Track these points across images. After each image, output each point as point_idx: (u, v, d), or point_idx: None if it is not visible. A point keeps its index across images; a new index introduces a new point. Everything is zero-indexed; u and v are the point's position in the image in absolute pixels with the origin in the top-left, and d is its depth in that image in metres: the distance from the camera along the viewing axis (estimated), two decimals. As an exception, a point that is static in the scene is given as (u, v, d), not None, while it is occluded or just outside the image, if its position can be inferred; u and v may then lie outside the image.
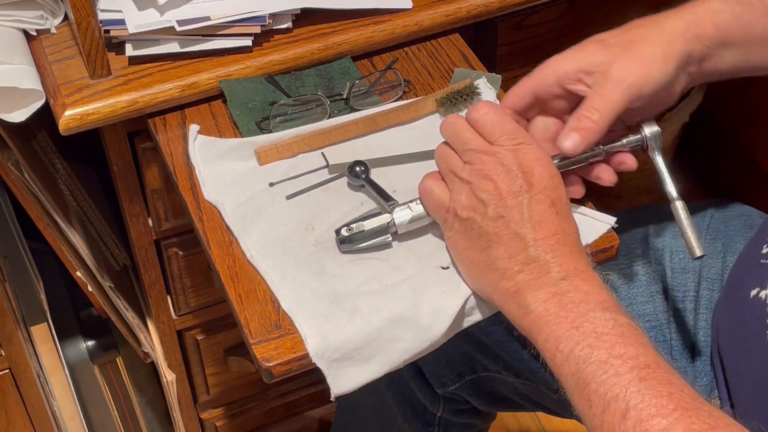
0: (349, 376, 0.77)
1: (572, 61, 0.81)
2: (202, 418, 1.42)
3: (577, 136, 0.79)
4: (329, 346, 0.76)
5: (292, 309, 0.78)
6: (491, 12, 1.06)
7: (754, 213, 1.02)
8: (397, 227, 0.82)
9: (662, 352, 0.69)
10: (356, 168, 0.88)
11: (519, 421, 1.70)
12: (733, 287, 0.92)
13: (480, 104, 0.78)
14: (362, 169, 0.88)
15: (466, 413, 1.15)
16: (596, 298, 0.71)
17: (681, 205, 0.83)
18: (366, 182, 0.87)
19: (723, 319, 0.92)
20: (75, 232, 1.16)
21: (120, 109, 0.93)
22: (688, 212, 0.83)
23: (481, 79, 0.97)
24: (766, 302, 0.83)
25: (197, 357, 1.32)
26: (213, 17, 0.95)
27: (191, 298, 1.22)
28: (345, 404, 1.27)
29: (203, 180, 0.89)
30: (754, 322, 0.84)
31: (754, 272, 0.87)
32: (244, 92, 0.96)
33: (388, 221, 0.81)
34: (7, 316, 1.21)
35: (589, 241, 0.83)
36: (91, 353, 1.49)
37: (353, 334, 0.76)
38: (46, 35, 0.99)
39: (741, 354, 0.87)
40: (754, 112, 1.72)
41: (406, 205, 0.82)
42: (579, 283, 0.71)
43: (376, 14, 1.02)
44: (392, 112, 0.94)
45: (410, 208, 0.82)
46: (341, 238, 0.81)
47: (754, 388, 0.85)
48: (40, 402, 1.35)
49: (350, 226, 0.81)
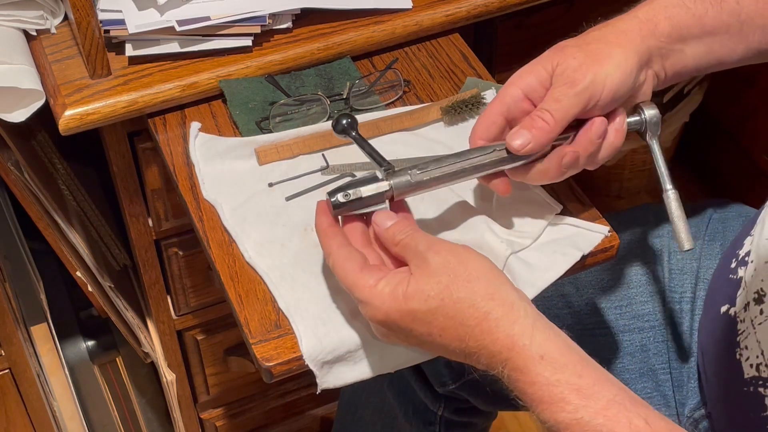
0: (338, 375, 0.77)
1: (533, 73, 0.79)
2: (202, 418, 1.42)
3: (528, 135, 0.76)
4: (323, 348, 0.76)
5: (289, 309, 0.78)
6: (491, 12, 1.06)
7: (753, 213, 1.02)
8: (395, 194, 0.76)
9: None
10: (342, 121, 0.80)
11: (519, 421, 1.70)
12: (708, 302, 0.92)
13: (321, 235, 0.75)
14: (348, 122, 0.80)
15: (466, 412, 1.15)
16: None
17: (674, 195, 0.81)
18: (355, 140, 0.80)
19: (702, 332, 0.92)
20: (75, 232, 1.16)
21: (120, 109, 0.94)
22: (681, 203, 0.82)
23: (490, 90, 0.97)
24: (736, 319, 0.83)
25: (197, 357, 1.32)
26: (213, 17, 0.95)
27: (191, 298, 1.22)
28: (346, 403, 1.27)
29: (203, 178, 0.89)
30: (725, 338, 0.84)
31: (724, 288, 0.87)
32: (244, 92, 0.96)
33: (386, 189, 0.76)
34: (7, 316, 1.21)
35: (585, 251, 0.83)
36: (91, 353, 1.49)
37: (348, 338, 0.76)
38: (46, 35, 0.99)
39: (715, 368, 0.87)
40: (754, 112, 1.72)
41: (407, 171, 0.77)
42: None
43: (376, 14, 1.02)
44: (396, 118, 0.94)
45: (410, 174, 0.77)
46: (336, 203, 0.75)
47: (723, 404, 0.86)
48: (40, 402, 1.35)
49: (347, 192, 0.75)
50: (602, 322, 0.99)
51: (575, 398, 0.66)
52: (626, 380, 0.98)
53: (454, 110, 0.94)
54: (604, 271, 1.00)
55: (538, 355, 0.67)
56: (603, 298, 1.00)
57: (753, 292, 0.80)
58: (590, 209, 0.88)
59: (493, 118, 0.80)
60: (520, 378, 0.68)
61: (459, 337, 0.69)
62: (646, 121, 0.82)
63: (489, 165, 0.79)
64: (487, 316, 0.68)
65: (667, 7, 0.80)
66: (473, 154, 0.79)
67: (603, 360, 0.98)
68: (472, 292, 0.69)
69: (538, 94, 0.78)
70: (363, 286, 0.71)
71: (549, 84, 0.78)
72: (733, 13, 0.81)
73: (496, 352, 0.68)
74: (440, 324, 0.70)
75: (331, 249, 0.73)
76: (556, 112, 0.76)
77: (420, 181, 0.77)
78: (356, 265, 0.72)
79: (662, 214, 1.04)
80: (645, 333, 0.98)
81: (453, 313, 0.69)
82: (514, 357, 0.67)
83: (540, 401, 0.67)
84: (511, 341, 0.68)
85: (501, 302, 0.69)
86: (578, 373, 0.67)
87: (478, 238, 0.82)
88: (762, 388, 0.79)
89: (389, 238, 0.73)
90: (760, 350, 0.79)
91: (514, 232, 0.83)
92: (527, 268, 0.80)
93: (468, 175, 0.79)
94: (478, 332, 0.69)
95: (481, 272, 0.70)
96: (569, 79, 0.76)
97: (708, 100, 1.72)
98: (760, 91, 1.68)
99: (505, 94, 0.79)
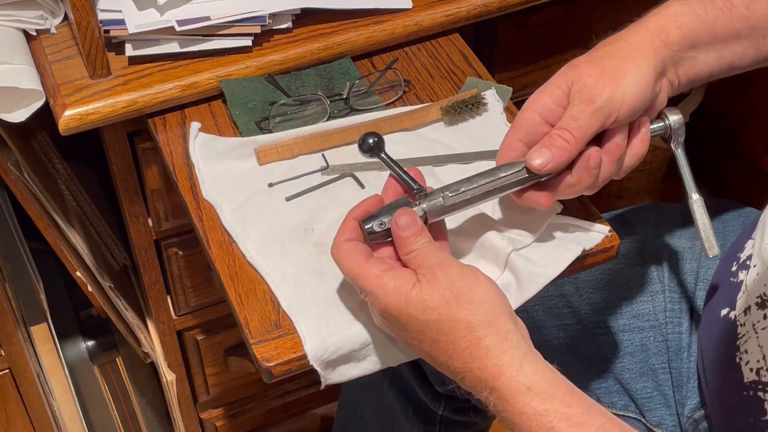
0: (342, 372, 0.78)
1: (549, 93, 0.78)
2: (202, 418, 1.42)
3: (548, 153, 0.76)
4: (328, 347, 0.76)
5: (291, 310, 0.78)
6: (491, 12, 1.06)
7: (753, 213, 1.02)
8: (428, 217, 0.76)
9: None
10: (369, 140, 0.77)
11: (519, 421, 1.70)
12: (708, 304, 0.92)
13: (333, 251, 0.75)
14: (375, 141, 0.77)
15: (467, 411, 1.15)
16: None
17: (700, 202, 0.82)
18: (384, 161, 0.78)
19: (701, 335, 0.92)
20: (75, 232, 1.16)
21: (120, 109, 0.93)
22: (706, 210, 0.82)
23: (490, 90, 0.97)
24: (736, 323, 0.83)
25: (197, 357, 1.32)
26: (213, 17, 0.95)
27: (191, 298, 1.22)
28: (347, 403, 1.28)
29: (203, 178, 0.89)
30: (725, 342, 0.84)
31: (724, 291, 0.86)
32: (244, 92, 0.96)
33: (421, 215, 0.75)
34: (7, 316, 1.21)
35: (587, 248, 0.83)
36: (91, 353, 1.49)
37: (352, 338, 0.77)
38: (46, 35, 0.99)
39: (714, 371, 0.87)
40: (754, 112, 1.72)
41: (439, 194, 0.76)
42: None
43: (376, 14, 1.02)
44: (396, 118, 0.94)
45: (442, 197, 0.76)
46: (370, 231, 0.74)
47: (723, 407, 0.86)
48: (40, 402, 1.35)
49: (382, 221, 0.74)
50: (602, 322, 0.99)
51: (564, 427, 0.66)
52: (626, 380, 0.98)
53: (454, 110, 0.94)
54: (604, 271, 1.00)
55: (525, 386, 0.67)
56: (603, 298, 1.00)
57: (756, 297, 0.80)
58: (590, 209, 0.88)
59: (512, 145, 0.79)
60: (507, 408, 0.68)
61: (447, 354, 0.70)
62: (671, 127, 0.82)
63: (518, 183, 0.79)
64: (479, 342, 0.68)
65: (677, 15, 0.80)
66: (503, 172, 0.78)
67: (603, 360, 0.98)
68: (471, 314, 0.69)
69: (556, 115, 0.78)
70: (368, 275, 0.71)
71: (566, 103, 0.77)
72: (743, 19, 0.81)
73: (483, 379, 0.68)
74: (432, 337, 0.70)
75: (339, 240, 0.74)
76: (575, 130, 0.76)
77: (453, 204, 0.77)
78: (362, 256, 0.72)
79: (662, 214, 1.04)
80: (645, 333, 0.98)
81: (447, 329, 0.69)
82: (500, 387, 0.68)
83: (529, 430, 0.67)
84: (498, 371, 0.68)
85: (496, 330, 0.69)
86: (567, 403, 0.67)
87: (479, 235, 0.82)
88: (762, 392, 0.79)
89: (405, 245, 0.73)
90: (762, 354, 0.79)
91: (516, 230, 0.84)
92: (529, 264, 0.81)
93: (498, 194, 0.79)
94: (467, 355, 0.69)
95: (484, 298, 0.70)
96: (587, 97, 0.76)
97: (708, 100, 1.73)
98: (761, 91, 1.68)
99: (522, 119, 0.79)
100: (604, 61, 0.77)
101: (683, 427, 0.96)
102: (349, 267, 0.73)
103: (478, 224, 0.83)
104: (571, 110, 0.76)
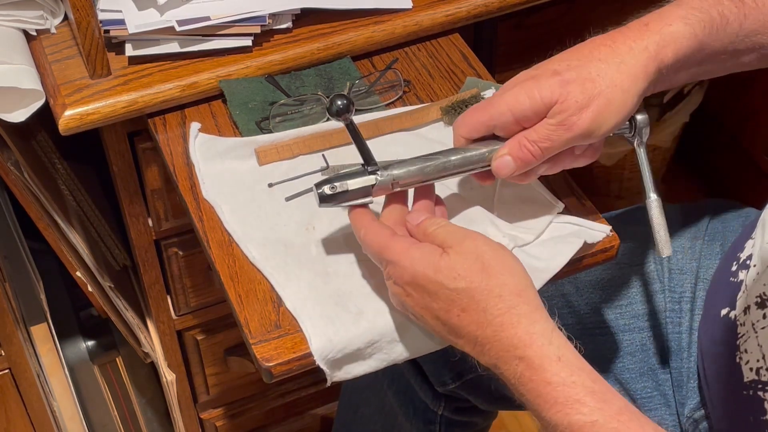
0: (347, 370, 0.78)
1: (529, 99, 0.76)
2: (202, 418, 1.42)
3: (512, 164, 0.78)
4: (334, 347, 0.76)
5: (297, 310, 0.78)
6: (491, 12, 1.06)
7: (753, 213, 1.02)
8: (376, 190, 0.77)
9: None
10: (338, 102, 0.76)
11: (519, 421, 1.70)
12: (708, 303, 0.92)
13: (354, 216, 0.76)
14: (344, 103, 0.76)
15: (467, 411, 1.15)
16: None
17: (657, 203, 0.82)
18: (348, 128, 0.78)
19: (701, 335, 0.92)
20: (75, 232, 1.17)
21: (120, 109, 0.94)
22: (662, 210, 0.82)
23: (490, 90, 0.97)
24: (736, 323, 0.83)
25: (197, 357, 1.32)
26: (213, 17, 0.95)
27: (191, 298, 1.22)
28: (347, 403, 1.28)
29: (203, 179, 0.89)
30: (725, 342, 0.84)
31: (724, 290, 0.87)
32: (244, 92, 0.96)
33: (373, 183, 0.76)
34: (7, 316, 1.21)
35: (588, 241, 0.83)
36: (91, 353, 1.49)
37: (357, 336, 0.77)
38: (46, 35, 0.99)
39: (714, 371, 0.87)
40: (754, 112, 1.72)
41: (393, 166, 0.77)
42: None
43: (376, 14, 1.02)
44: (395, 118, 0.94)
45: (395, 168, 0.77)
46: (322, 195, 0.75)
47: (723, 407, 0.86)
48: (40, 402, 1.35)
49: (333, 185, 0.75)
50: (602, 322, 0.99)
51: (591, 401, 0.66)
52: (626, 380, 0.98)
53: (454, 110, 0.94)
54: (604, 271, 1.00)
55: (556, 356, 0.68)
56: (603, 298, 1.00)
57: (755, 296, 0.80)
58: (590, 209, 0.88)
59: (477, 126, 0.80)
60: (534, 377, 0.68)
61: (477, 322, 0.70)
62: (636, 126, 0.82)
63: (469, 169, 0.80)
64: (511, 310, 0.69)
65: (677, 39, 0.77)
66: (454, 155, 0.79)
67: (603, 360, 0.98)
68: (502, 283, 0.70)
69: (530, 121, 0.77)
70: (394, 247, 0.72)
71: (544, 114, 0.76)
72: (732, 35, 0.80)
73: (512, 347, 0.69)
74: (462, 304, 0.70)
75: (363, 222, 0.75)
76: (546, 150, 0.77)
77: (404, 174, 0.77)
78: (388, 233, 0.74)
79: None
80: (645, 333, 0.98)
81: (479, 297, 0.70)
82: (531, 354, 0.68)
83: (554, 402, 0.67)
84: (531, 339, 0.68)
85: (527, 301, 0.70)
86: (593, 379, 0.68)
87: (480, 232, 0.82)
88: (762, 391, 0.79)
89: (423, 226, 0.75)
90: (761, 354, 0.79)
91: (517, 229, 0.84)
92: (531, 259, 0.81)
93: (450, 172, 0.79)
94: (498, 323, 0.69)
95: (514, 269, 0.71)
96: (567, 123, 0.75)
97: (708, 100, 1.72)
98: (760, 91, 1.68)
99: (499, 114, 0.78)
100: (595, 83, 0.75)
101: (683, 427, 0.96)
102: (373, 240, 0.73)
103: (478, 222, 0.83)
104: (548, 128, 0.76)
